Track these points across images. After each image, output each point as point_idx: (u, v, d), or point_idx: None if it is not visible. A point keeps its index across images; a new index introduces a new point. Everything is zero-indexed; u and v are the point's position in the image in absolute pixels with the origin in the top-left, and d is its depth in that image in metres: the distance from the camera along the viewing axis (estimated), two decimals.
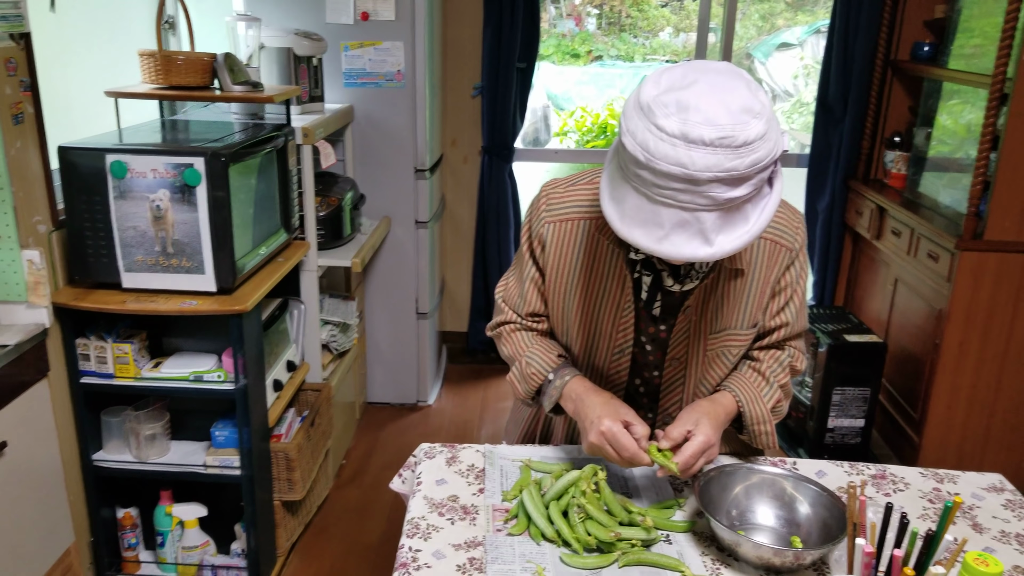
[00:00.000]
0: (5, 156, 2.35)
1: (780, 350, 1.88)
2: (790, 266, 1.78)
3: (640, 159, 1.36)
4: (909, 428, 3.88)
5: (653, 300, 1.75)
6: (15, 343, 2.39)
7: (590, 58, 7.38)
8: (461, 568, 1.51)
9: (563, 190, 1.81)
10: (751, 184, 1.37)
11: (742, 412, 1.78)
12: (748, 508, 1.68)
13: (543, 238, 1.80)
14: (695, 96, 1.36)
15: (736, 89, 1.38)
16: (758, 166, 1.35)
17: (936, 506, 1.74)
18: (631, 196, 1.42)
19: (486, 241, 4.83)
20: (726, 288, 1.74)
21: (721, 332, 1.78)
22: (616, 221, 1.45)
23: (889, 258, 4.16)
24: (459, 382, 4.93)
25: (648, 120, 1.37)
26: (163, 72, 2.88)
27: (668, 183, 1.35)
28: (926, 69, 4.12)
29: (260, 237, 2.92)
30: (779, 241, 1.75)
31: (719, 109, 1.34)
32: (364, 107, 4.08)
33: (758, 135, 1.35)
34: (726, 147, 1.32)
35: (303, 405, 3.45)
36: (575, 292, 1.80)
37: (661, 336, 1.80)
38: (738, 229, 1.40)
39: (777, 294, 1.80)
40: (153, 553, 3.02)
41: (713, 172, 1.32)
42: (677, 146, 1.33)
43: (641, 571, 1.51)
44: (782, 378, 1.84)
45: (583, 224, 1.77)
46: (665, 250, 1.40)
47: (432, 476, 1.81)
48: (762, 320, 1.81)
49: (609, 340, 1.81)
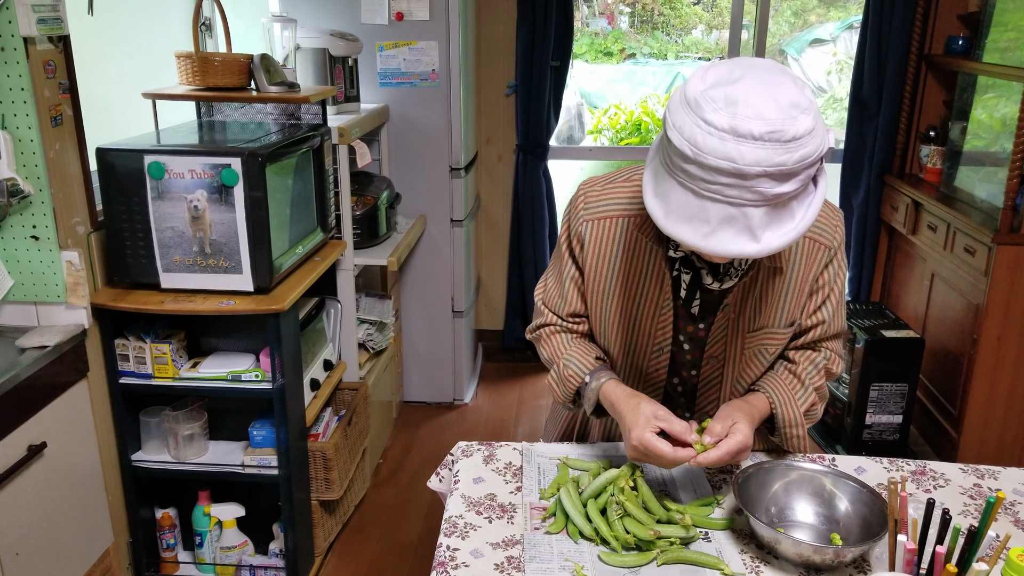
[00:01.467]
0: (45, 158, 2.38)
1: (816, 351, 1.86)
2: (828, 264, 1.77)
3: (688, 153, 1.35)
4: (947, 424, 3.85)
5: (692, 298, 1.75)
6: (55, 344, 2.42)
7: (623, 56, 7.37)
8: (499, 567, 1.51)
9: (601, 188, 1.80)
10: (798, 180, 1.36)
11: (775, 414, 1.77)
12: (787, 505, 1.67)
13: (582, 236, 1.80)
14: (743, 91, 1.35)
15: (784, 85, 1.37)
16: (806, 161, 1.34)
17: (977, 502, 1.72)
18: (677, 192, 1.40)
19: (521, 239, 4.83)
20: (765, 286, 1.73)
21: (759, 331, 1.77)
22: (661, 217, 1.44)
23: (925, 253, 4.12)
24: (495, 380, 4.94)
25: (696, 115, 1.35)
26: (200, 73, 2.90)
27: (716, 178, 1.34)
28: (960, 63, 4.08)
29: (297, 236, 2.94)
30: (818, 239, 1.74)
31: (768, 104, 1.33)
32: (399, 106, 4.09)
33: (807, 130, 1.34)
34: (775, 142, 1.32)
35: (340, 404, 3.47)
36: (614, 291, 1.79)
37: (700, 335, 1.79)
38: (785, 226, 1.39)
39: (814, 292, 1.79)
40: (191, 553, 3.05)
41: (762, 167, 1.31)
42: (726, 140, 1.32)
43: (680, 569, 1.51)
44: (817, 381, 1.82)
45: (622, 222, 1.76)
46: (711, 246, 1.39)
47: (470, 474, 1.81)
48: (799, 318, 1.80)
49: (648, 338, 1.80)
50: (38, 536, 2.35)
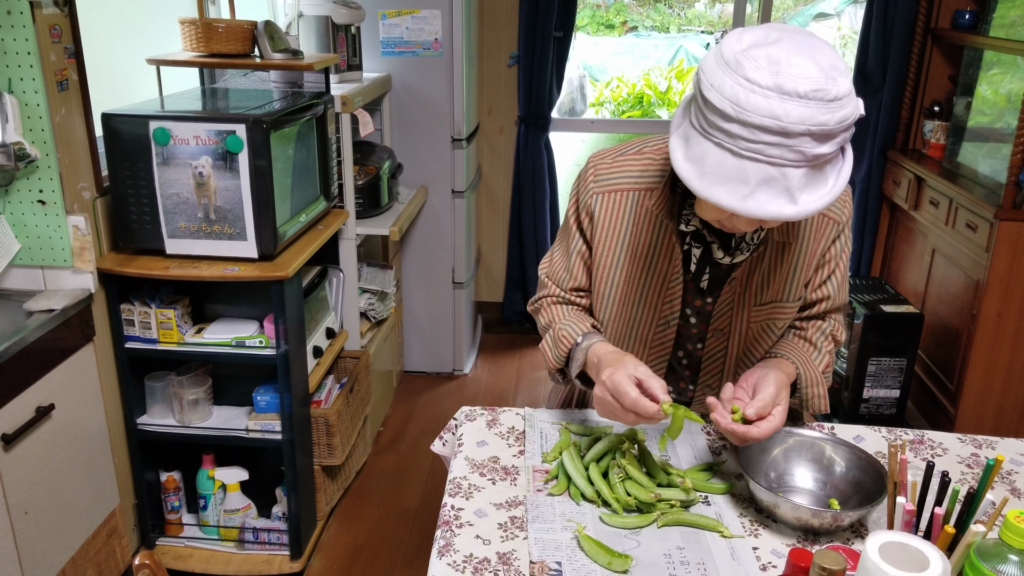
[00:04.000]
0: (51, 122, 2.39)
1: (822, 320, 1.88)
2: (836, 239, 1.77)
3: (730, 112, 1.33)
4: (945, 399, 3.87)
5: (702, 273, 1.75)
6: (61, 307, 2.44)
7: (625, 29, 7.35)
8: (502, 526, 1.53)
9: (611, 161, 1.80)
10: (836, 142, 1.36)
11: (797, 375, 1.77)
12: (786, 471, 1.69)
13: (591, 209, 1.79)
14: (784, 51, 1.34)
15: (821, 47, 1.37)
16: (846, 123, 1.35)
17: (975, 471, 1.74)
18: (713, 153, 1.38)
19: (522, 211, 4.84)
20: (773, 260, 1.74)
21: (767, 304, 1.78)
22: (695, 180, 1.41)
23: (927, 228, 4.13)
24: (495, 352, 4.96)
25: (736, 74, 1.34)
26: (204, 40, 2.90)
27: (759, 136, 1.33)
28: (967, 37, 4.07)
29: (300, 205, 2.95)
30: (828, 214, 1.75)
31: (810, 64, 1.33)
32: (401, 76, 4.09)
33: (847, 92, 1.34)
34: (819, 100, 1.31)
35: (342, 372, 3.49)
36: (622, 265, 1.79)
37: (706, 309, 1.79)
38: (820, 189, 1.38)
39: (821, 267, 1.80)
40: (196, 516, 3.08)
41: (806, 125, 1.31)
42: (770, 98, 1.31)
43: (680, 531, 1.53)
44: (827, 345, 1.85)
45: (632, 195, 1.76)
46: (749, 208, 1.37)
47: (473, 438, 1.83)
48: (805, 292, 1.82)
49: (655, 312, 1.80)
50: (46, 496, 2.38)
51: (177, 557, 2.98)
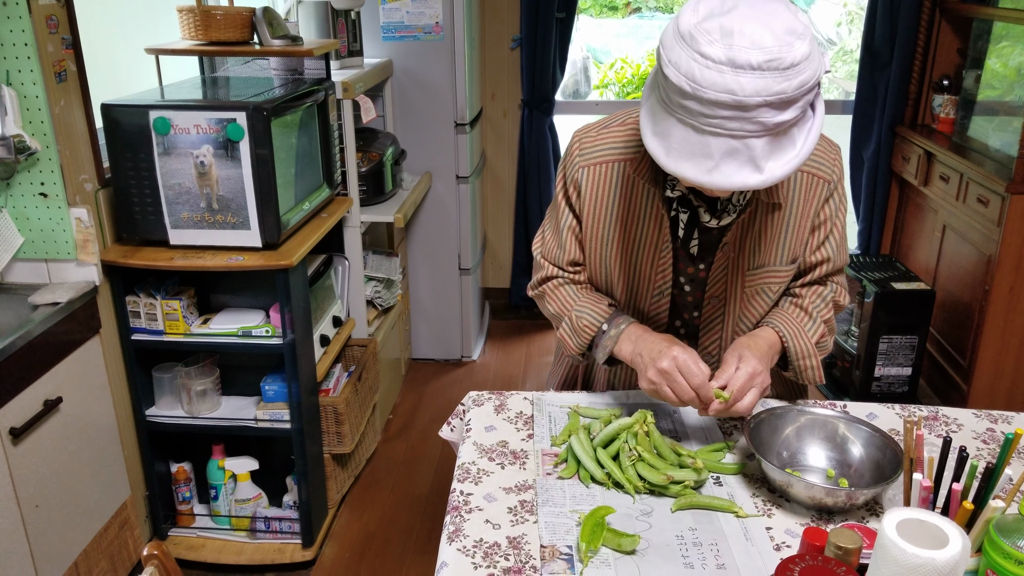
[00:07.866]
0: (50, 114, 2.37)
1: (823, 286, 1.86)
2: (829, 199, 1.76)
3: (686, 89, 1.33)
4: (957, 376, 3.84)
5: (690, 238, 1.74)
6: (66, 300, 2.43)
7: (628, 10, 7.30)
8: (512, 510, 1.51)
9: (595, 134, 1.80)
10: (798, 107, 1.35)
11: (786, 347, 1.76)
12: (799, 450, 1.67)
13: (578, 183, 1.79)
14: (738, 21, 1.33)
15: (777, 11, 1.36)
16: (805, 87, 1.33)
17: (991, 446, 1.72)
18: (677, 129, 1.39)
19: (527, 196, 4.82)
20: (764, 223, 1.72)
21: (760, 268, 1.76)
22: (662, 156, 1.42)
23: (937, 204, 4.09)
24: (502, 338, 4.94)
25: (691, 49, 1.34)
26: (202, 28, 2.88)
27: (716, 111, 1.33)
28: (976, 9, 4.03)
29: (303, 192, 2.93)
30: (817, 173, 1.73)
31: (763, 32, 1.32)
32: (403, 61, 4.06)
33: (804, 56, 1.33)
34: (774, 70, 1.30)
35: (350, 360, 3.48)
36: (613, 236, 1.79)
37: (700, 276, 1.78)
38: (787, 154, 1.38)
39: (816, 228, 1.78)
40: (207, 506, 3.07)
41: (762, 96, 1.31)
42: (724, 72, 1.31)
43: (692, 513, 1.51)
44: (825, 313, 1.82)
45: (617, 166, 1.76)
46: (716, 180, 1.38)
47: (481, 423, 1.81)
48: (802, 256, 1.80)
49: (648, 282, 1.80)
50: (57, 489, 2.37)
51: (189, 547, 2.98)
